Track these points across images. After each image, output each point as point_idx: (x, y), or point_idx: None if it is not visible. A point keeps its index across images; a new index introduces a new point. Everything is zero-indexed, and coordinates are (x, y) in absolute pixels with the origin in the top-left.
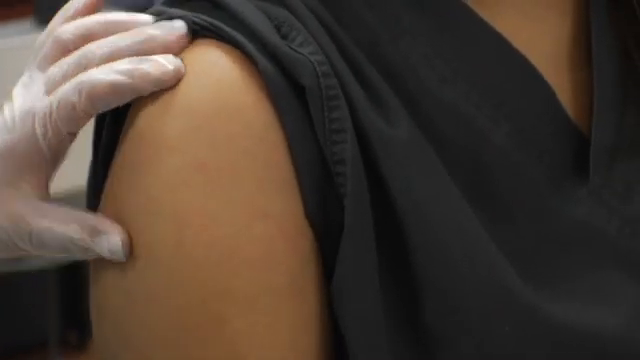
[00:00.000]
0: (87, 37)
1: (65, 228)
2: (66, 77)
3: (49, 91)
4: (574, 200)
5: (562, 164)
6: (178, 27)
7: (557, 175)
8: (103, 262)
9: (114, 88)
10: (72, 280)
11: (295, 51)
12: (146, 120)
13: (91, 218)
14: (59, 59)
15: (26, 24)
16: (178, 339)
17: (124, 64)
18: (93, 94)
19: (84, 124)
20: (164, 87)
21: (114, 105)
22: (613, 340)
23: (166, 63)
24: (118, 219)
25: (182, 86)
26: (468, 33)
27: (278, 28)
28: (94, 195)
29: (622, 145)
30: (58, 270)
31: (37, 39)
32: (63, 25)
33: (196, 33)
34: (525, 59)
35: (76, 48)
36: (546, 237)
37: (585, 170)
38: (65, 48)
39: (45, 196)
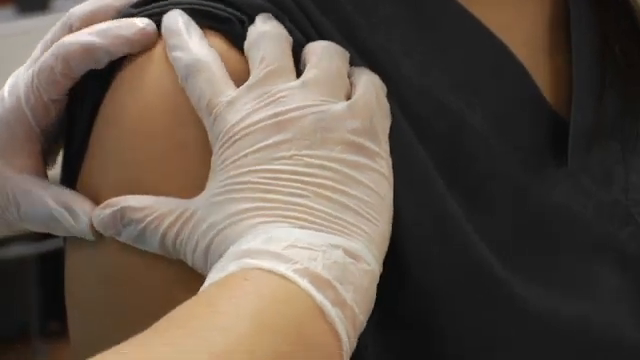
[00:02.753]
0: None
1: (44, 204)
2: (53, 40)
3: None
4: (552, 184)
5: (540, 148)
6: (142, 23)
7: (535, 159)
8: (77, 243)
9: (87, 49)
10: (53, 268)
11: None
12: (124, 102)
13: (66, 194)
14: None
15: (7, 12)
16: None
17: (101, 26)
18: (68, 56)
19: (64, 90)
20: (136, 48)
21: (91, 67)
22: (591, 326)
23: (137, 23)
24: (96, 200)
25: (161, 67)
26: (444, 18)
27: None
28: (67, 182)
29: (600, 129)
30: (39, 258)
31: (19, 27)
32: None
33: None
34: (502, 44)
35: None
36: (524, 222)
37: (563, 154)
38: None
39: (38, 170)
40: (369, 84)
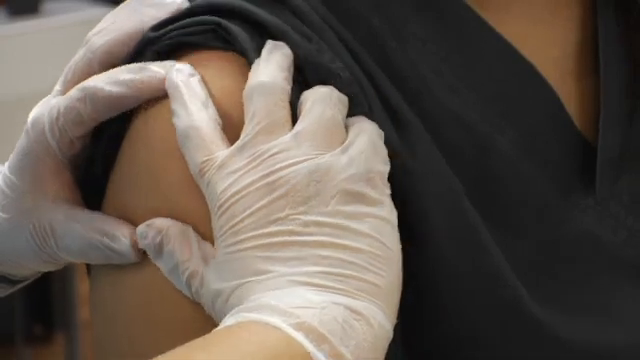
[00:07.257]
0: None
1: (82, 232)
2: (75, 73)
3: (63, 90)
4: (580, 210)
5: (568, 173)
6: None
7: (563, 184)
8: (106, 269)
9: (115, 98)
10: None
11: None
12: (153, 126)
13: (102, 220)
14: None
15: None
16: (195, 330)
17: (124, 73)
18: (96, 102)
19: (89, 129)
20: (162, 93)
21: (118, 112)
22: (623, 352)
23: (160, 70)
24: (129, 221)
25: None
26: (474, 40)
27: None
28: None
29: (629, 155)
30: None
31: (9, 30)
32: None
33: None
34: (531, 66)
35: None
36: (552, 248)
37: (591, 180)
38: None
39: (72, 199)
40: (364, 130)
